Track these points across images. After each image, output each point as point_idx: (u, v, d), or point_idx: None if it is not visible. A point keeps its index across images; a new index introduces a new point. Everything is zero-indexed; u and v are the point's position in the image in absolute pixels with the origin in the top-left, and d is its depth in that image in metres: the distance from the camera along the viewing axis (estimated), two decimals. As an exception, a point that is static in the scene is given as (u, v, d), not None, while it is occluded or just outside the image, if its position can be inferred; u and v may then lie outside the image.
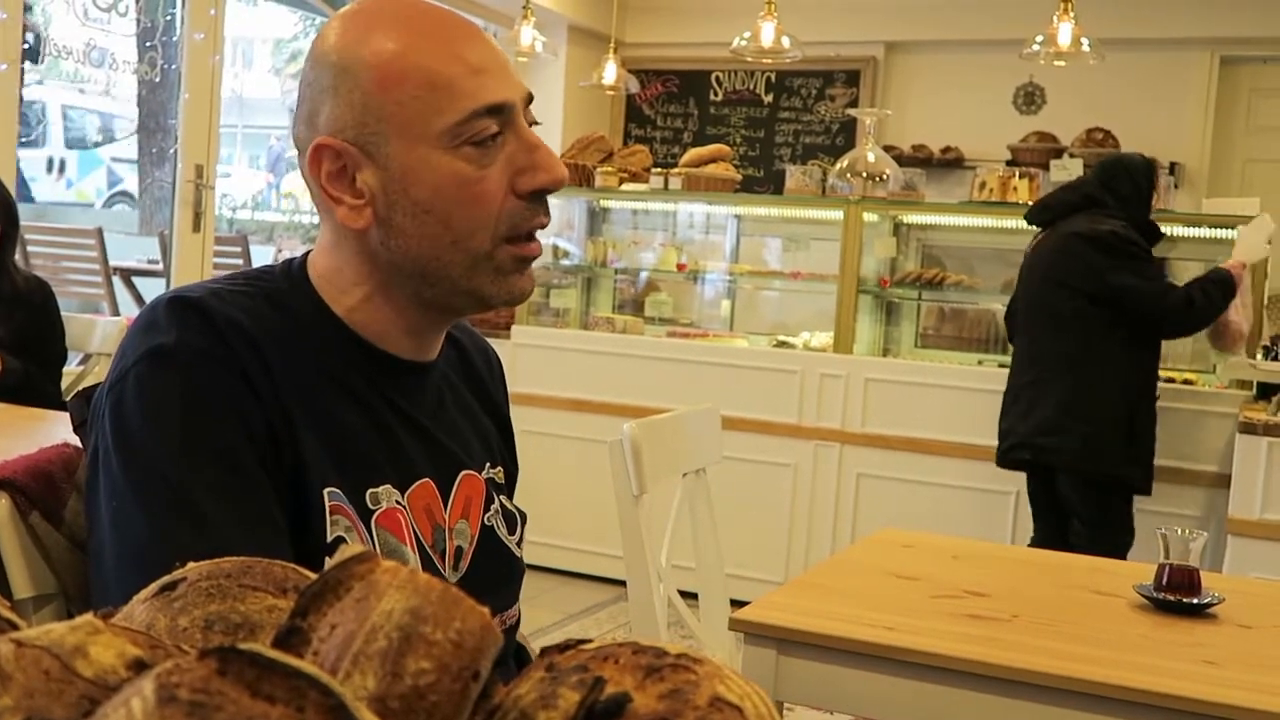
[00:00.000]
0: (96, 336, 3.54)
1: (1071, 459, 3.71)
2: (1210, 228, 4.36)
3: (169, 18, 4.68)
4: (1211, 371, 4.38)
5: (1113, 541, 3.62)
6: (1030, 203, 4.22)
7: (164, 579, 0.67)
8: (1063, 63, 4.64)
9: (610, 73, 5.85)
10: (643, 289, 5.39)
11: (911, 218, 4.98)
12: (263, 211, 11.95)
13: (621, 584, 2.57)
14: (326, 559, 0.59)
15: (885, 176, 4.86)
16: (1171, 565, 1.75)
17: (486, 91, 1.08)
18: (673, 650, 0.59)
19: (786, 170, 5.29)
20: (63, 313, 3.37)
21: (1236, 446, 3.72)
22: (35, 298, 3.27)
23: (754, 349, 4.82)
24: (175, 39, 4.67)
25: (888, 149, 5.62)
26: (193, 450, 1.02)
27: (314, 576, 0.60)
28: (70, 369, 3.55)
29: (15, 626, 0.57)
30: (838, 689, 1.59)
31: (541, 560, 4.64)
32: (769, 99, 7.16)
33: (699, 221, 5.43)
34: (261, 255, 7.54)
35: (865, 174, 4.85)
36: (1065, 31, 4.35)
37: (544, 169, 1.10)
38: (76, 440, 1.16)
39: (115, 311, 6.07)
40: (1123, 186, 3.79)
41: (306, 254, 1.18)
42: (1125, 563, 2.05)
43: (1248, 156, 6.49)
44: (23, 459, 1.17)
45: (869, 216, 4.69)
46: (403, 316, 1.14)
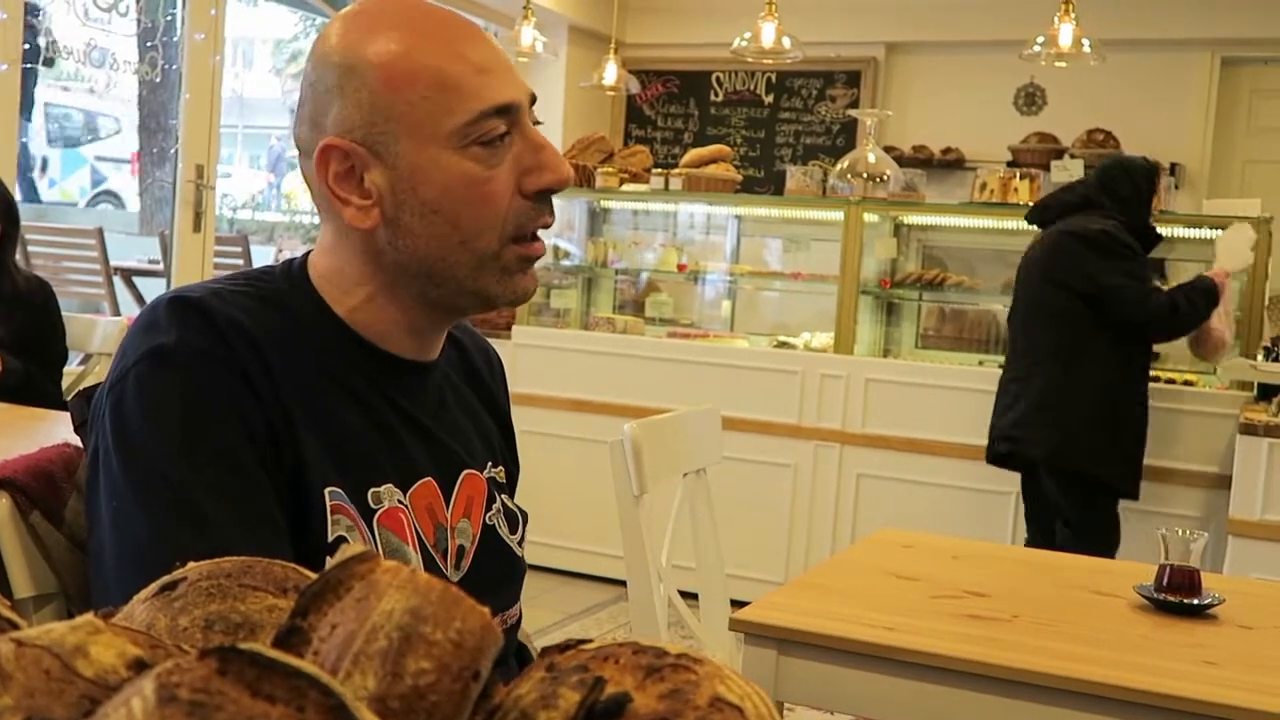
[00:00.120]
0: (97, 336, 3.54)
1: (1045, 454, 3.75)
2: (1210, 229, 4.36)
3: (169, 18, 4.68)
4: (1212, 373, 4.38)
5: (1096, 544, 3.59)
6: (1031, 204, 4.23)
7: (164, 579, 0.67)
8: (1063, 64, 4.64)
9: (611, 73, 5.85)
10: (643, 289, 5.39)
11: (912, 218, 4.98)
12: (263, 212, 11.95)
13: (622, 584, 2.58)
14: (328, 559, 0.59)
15: (886, 177, 4.86)
16: (1172, 566, 1.75)
17: (494, 92, 1.08)
18: (673, 650, 0.59)
19: (787, 171, 5.29)
20: (63, 313, 3.37)
21: (1237, 447, 3.72)
22: (36, 298, 3.27)
23: (754, 349, 4.82)
24: (176, 39, 4.67)
25: (888, 150, 5.62)
26: (193, 450, 1.02)
27: (314, 576, 0.60)
28: (71, 369, 3.55)
29: (15, 626, 0.57)
30: (838, 689, 1.59)
31: (542, 560, 4.64)
32: (769, 99, 7.16)
33: (699, 222, 5.43)
34: (262, 255, 7.54)
35: (866, 175, 4.85)
36: (1066, 32, 4.35)
37: (550, 169, 1.10)
38: (77, 440, 1.16)
39: (116, 311, 6.08)
40: (1121, 188, 3.79)
41: (307, 254, 1.18)
42: (1126, 563, 2.05)
43: (1248, 157, 6.49)
44: (23, 459, 1.17)
45: (869, 217, 4.69)
46: (406, 316, 1.14)
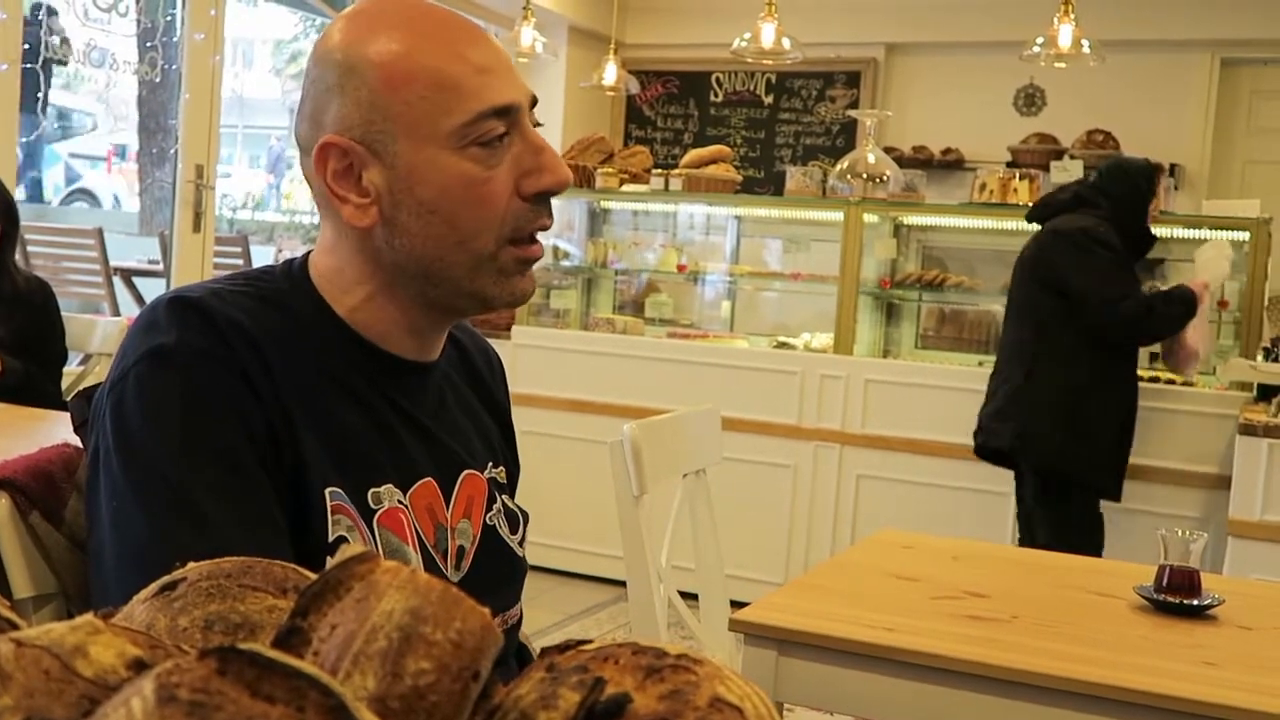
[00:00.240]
0: (97, 336, 3.54)
1: (1007, 446, 3.79)
2: (1210, 229, 4.36)
3: (169, 18, 4.68)
4: (1212, 373, 4.38)
5: (1073, 544, 3.49)
6: (1031, 204, 4.23)
7: (164, 579, 0.67)
8: (1063, 64, 4.64)
9: (610, 74, 5.85)
10: (643, 290, 5.39)
11: (912, 219, 4.98)
12: (263, 212, 11.95)
13: (622, 584, 2.58)
14: (328, 559, 0.59)
15: (885, 178, 4.86)
16: (1172, 567, 1.75)
17: (493, 93, 1.08)
18: (673, 651, 0.59)
19: (787, 171, 5.29)
20: (63, 313, 3.37)
21: (1237, 448, 3.72)
22: (36, 298, 3.27)
23: (754, 350, 4.82)
24: (175, 39, 4.67)
25: (888, 150, 5.63)
26: (193, 450, 1.02)
27: (314, 576, 0.60)
28: (71, 369, 3.55)
29: (15, 626, 0.57)
30: (838, 690, 1.59)
31: (542, 561, 4.64)
32: (769, 100, 7.16)
33: (699, 222, 5.43)
34: (262, 255, 7.54)
35: (865, 175, 4.85)
36: (1066, 33, 4.35)
37: (549, 171, 1.10)
38: (77, 440, 1.16)
39: (116, 311, 6.07)
40: (1116, 188, 3.79)
41: (307, 254, 1.18)
42: (1125, 564, 2.05)
43: (1248, 158, 6.49)
44: (23, 459, 1.17)
45: (869, 218, 4.69)
46: (405, 316, 1.14)
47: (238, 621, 0.64)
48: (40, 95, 4.23)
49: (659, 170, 5.15)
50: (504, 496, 1.26)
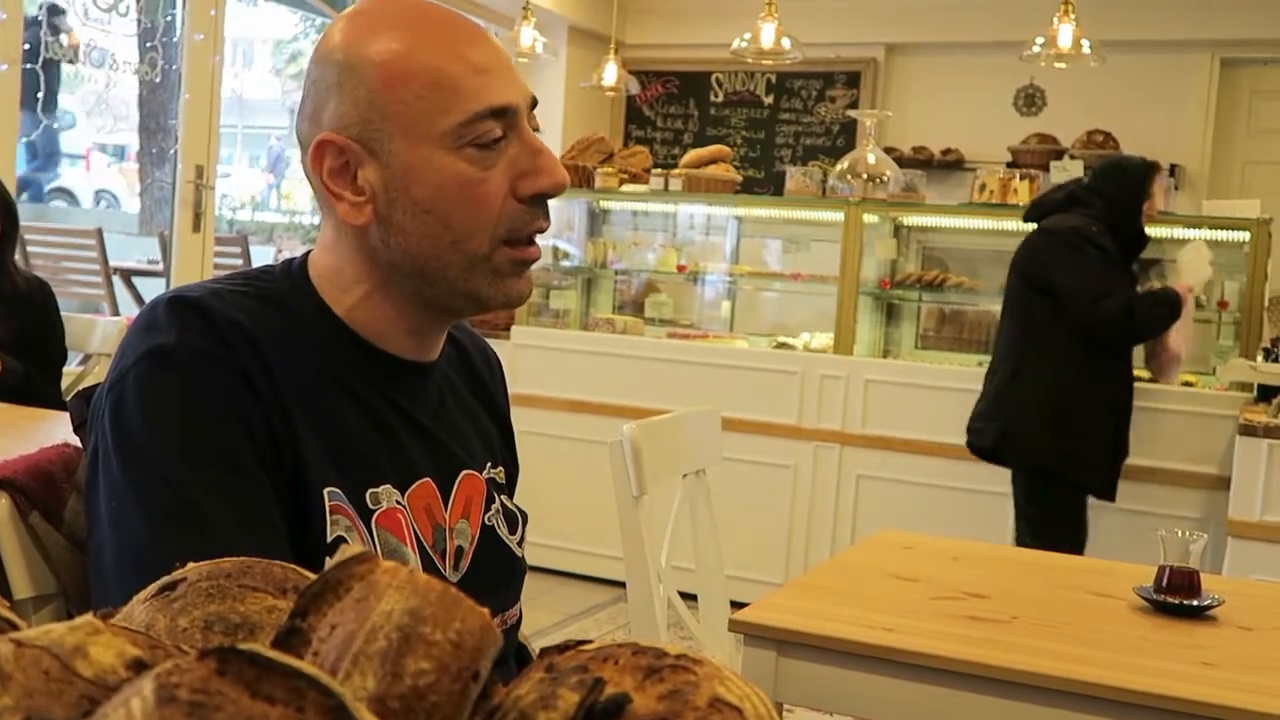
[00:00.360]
0: (96, 337, 3.54)
1: (992, 444, 3.80)
2: (1210, 229, 4.36)
3: (169, 18, 4.68)
4: (1211, 374, 4.38)
5: (1052, 541, 3.40)
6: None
7: (164, 579, 0.67)
8: (1063, 64, 4.64)
9: (610, 74, 5.85)
10: (643, 290, 5.39)
11: (912, 219, 4.98)
12: (263, 212, 11.95)
13: (621, 585, 2.57)
14: (327, 559, 0.59)
15: (885, 178, 4.86)
16: (1171, 567, 1.75)
17: (491, 93, 1.08)
18: (672, 651, 0.59)
19: (787, 171, 5.29)
20: (63, 313, 3.37)
21: (1236, 448, 3.72)
22: (35, 298, 3.27)
23: (754, 350, 4.82)
24: (175, 39, 4.67)
25: (888, 150, 5.62)
26: (193, 450, 1.02)
27: (314, 577, 0.60)
28: (70, 369, 3.55)
29: (15, 626, 0.57)
30: (837, 690, 1.59)
31: (541, 561, 4.64)
32: (769, 100, 7.16)
33: (699, 223, 5.43)
34: (261, 256, 7.54)
35: (865, 175, 4.85)
36: (1066, 33, 4.36)
37: (546, 173, 1.10)
38: (76, 440, 1.16)
39: (115, 312, 6.07)
40: (1110, 188, 3.77)
41: (307, 254, 1.18)
42: (1125, 564, 2.05)
43: (1248, 158, 6.49)
44: (23, 459, 1.17)
45: (869, 218, 4.69)
46: (403, 316, 1.14)
47: (237, 622, 0.64)
48: (40, 96, 4.23)
49: (659, 170, 5.15)
50: (503, 497, 1.26)
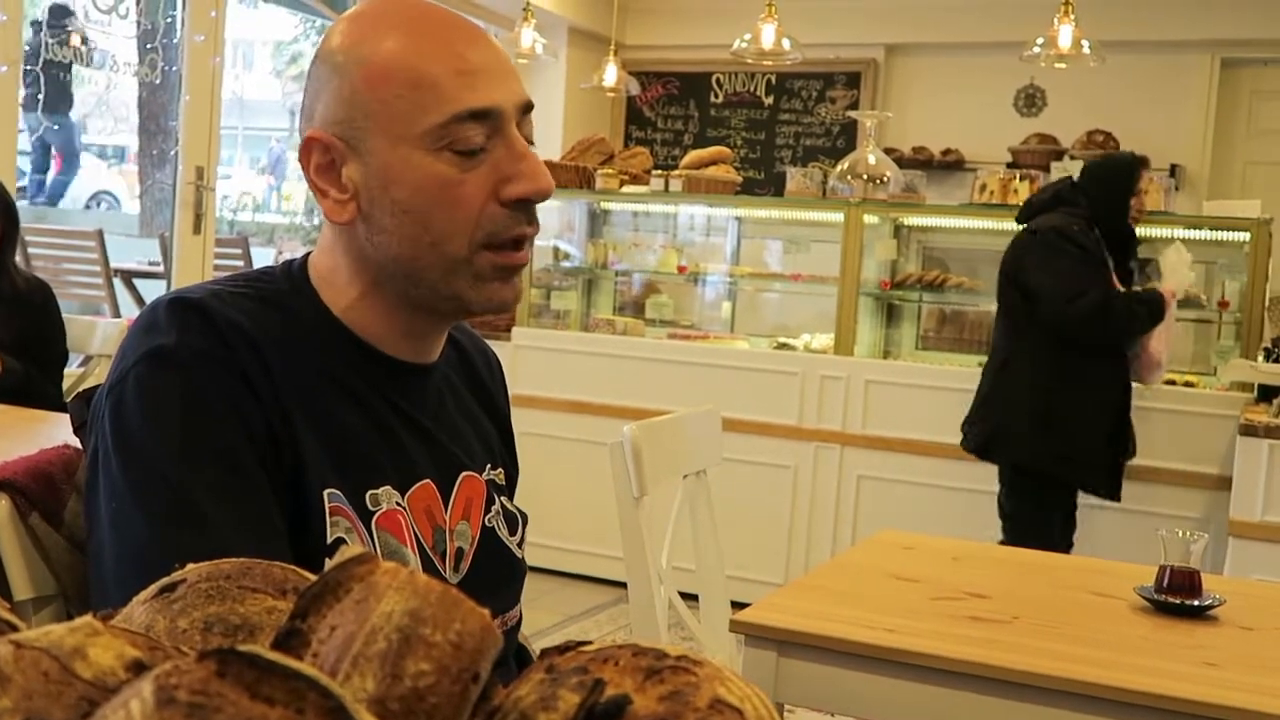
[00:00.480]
0: (97, 338, 3.54)
1: (979, 445, 3.81)
2: (1210, 230, 4.36)
3: (169, 20, 4.68)
4: (1212, 374, 4.38)
5: (1034, 544, 3.21)
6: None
7: (163, 580, 0.67)
8: (1063, 65, 4.64)
9: (611, 75, 5.85)
10: (643, 291, 5.39)
11: (912, 220, 4.98)
12: (263, 213, 11.95)
13: (622, 586, 2.57)
14: (326, 560, 0.59)
15: (886, 179, 4.85)
16: (1172, 567, 1.75)
17: (472, 95, 1.07)
18: (673, 652, 0.59)
19: (787, 172, 5.29)
20: (63, 314, 3.37)
21: (1237, 448, 3.72)
22: (36, 299, 3.27)
23: (754, 351, 4.82)
24: (176, 41, 4.68)
25: (888, 151, 5.62)
26: (193, 451, 1.02)
27: (313, 578, 0.59)
28: (71, 370, 3.55)
29: (15, 628, 0.57)
30: (838, 691, 1.59)
31: (542, 562, 4.64)
32: (769, 101, 7.16)
33: (699, 223, 5.43)
34: (262, 257, 7.54)
35: (866, 176, 4.85)
36: (1066, 34, 4.35)
37: (529, 178, 1.09)
38: (77, 441, 1.16)
39: (116, 313, 6.07)
40: (1095, 186, 3.76)
41: (308, 255, 1.18)
42: (1126, 565, 2.05)
43: (1248, 159, 6.49)
44: (23, 460, 1.17)
45: (869, 219, 4.69)
46: (395, 317, 1.14)
47: (237, 623, 0.64)
48: (41, 98, 4.23)
49: (659, 171, 5.15)
50: (503, 498, 1.26)
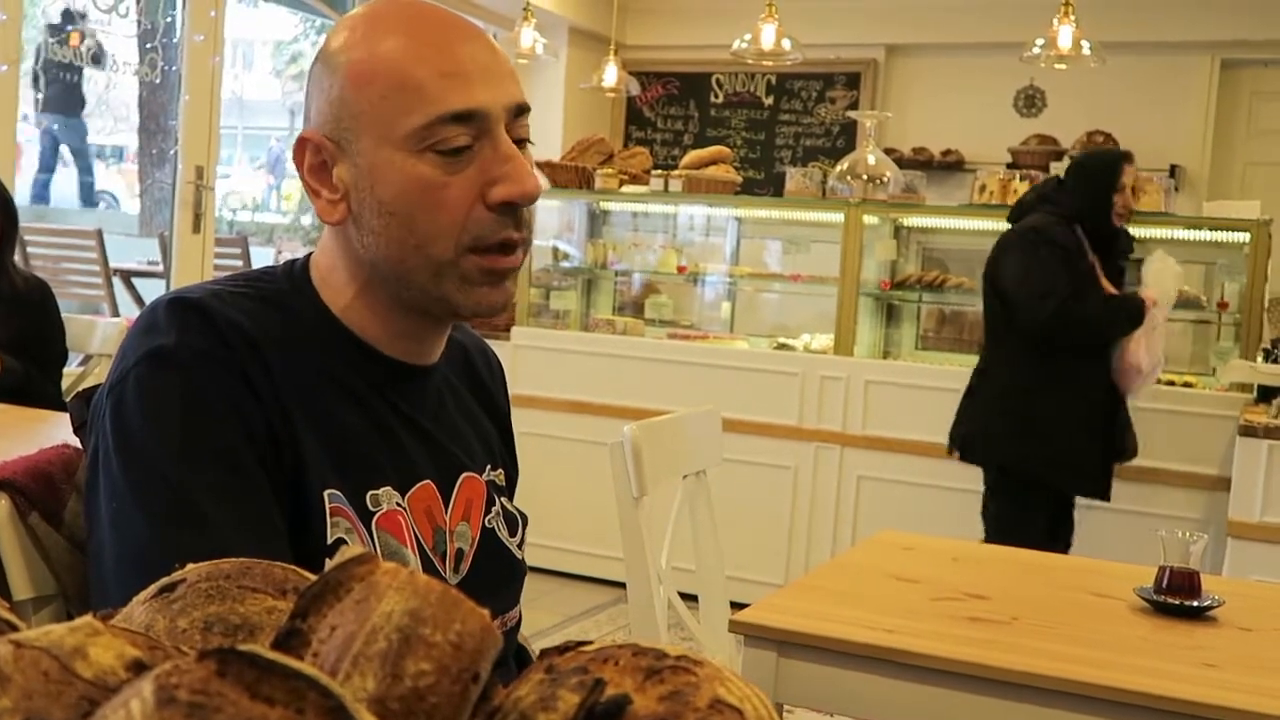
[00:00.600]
0: (96, 337, 3.54)
1: (964, 444, 3.81)
2: (1210, 230, 4.36)
3: (169, 19, 4.68)
4: (1211, 375, 4.38)
5: (1014, 543, 3.31)
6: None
7: (163, 580, 0.67)
8: (1063, 66, 4.64)
9: (611, 75, 5.85)
10: (643, 291, 5.39)
11: (912, 220, 4.98)
12: (263, 213, 11.95)
13: (622, 586, 2.57)
14: (327, 560, 0.59)
15: (885, 179, 4.85)
16: (1172, 568, 1.75)
17: (456, 97, 1.06)
18: (673, 652, 0.59)
19: (787, 172, 5.29)
20: (63, 314, 3.37)
21: (1237, 449, 3.72)
22: (35, 298, 3.27)
23: (754, 351, 4.82)
24: (176, 40, 4.68)
25: (888, 151, 5.63)
26: (193, 451, 1.02)
27: (314, 578, 0.59)
28: (70, 370, 3.55)
29: (15, 628, 0.57)
30: (838, 691, 1.59)
31: (541, 562, 4.64)
32: (769, 101, 7.16)
33: (699, 224, 5.43)
34: (261, 257, 7.54)
35: (865, 176, 4.85)
36: (1066, 34, 4.36)
37: (514, 181, 1.07)
38: (76, 441, 1.16)
39: (115, 313, 6.07)
40: (1077, 183, 3.71)
41: (309, 255, 1.18)
42: (1125, 565, 2.05)
43: (1248, 160, 6.49)
44: (23, 460, 1.17)
45: (869, 219, 4.69)
46: (390, 318, 1.14)
47: (237, 623, 0.64)
48: (40, 98, 4.24)
49: (659, 171, 5.15)
50: (502, 499, 1.26)
